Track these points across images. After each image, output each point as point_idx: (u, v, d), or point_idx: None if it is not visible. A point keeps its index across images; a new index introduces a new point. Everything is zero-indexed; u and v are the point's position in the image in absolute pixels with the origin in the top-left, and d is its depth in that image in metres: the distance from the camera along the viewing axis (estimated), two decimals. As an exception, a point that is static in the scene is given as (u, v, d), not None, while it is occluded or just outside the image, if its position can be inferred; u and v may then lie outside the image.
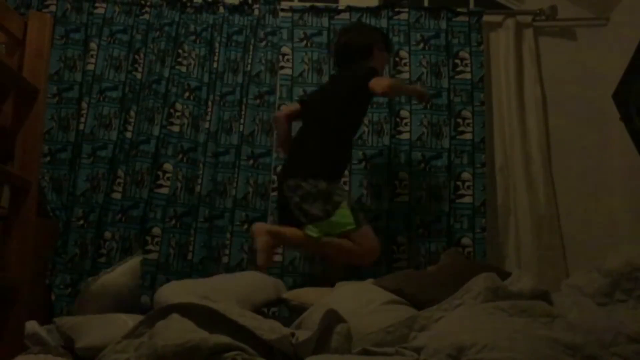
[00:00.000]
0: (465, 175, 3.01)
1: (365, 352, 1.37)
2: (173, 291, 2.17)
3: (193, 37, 3.18)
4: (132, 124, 3.06)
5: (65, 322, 1.89)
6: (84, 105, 3.09)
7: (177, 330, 1.36)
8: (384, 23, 3.18)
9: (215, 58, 3.13)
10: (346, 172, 2.98)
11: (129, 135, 3.05)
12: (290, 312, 2.32)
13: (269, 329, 1.45)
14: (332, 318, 1.47)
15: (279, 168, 3.00)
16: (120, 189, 2.97)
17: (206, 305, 1.50)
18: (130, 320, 1.88)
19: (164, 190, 2.98)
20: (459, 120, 3.07)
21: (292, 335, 1.47)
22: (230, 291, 2.22)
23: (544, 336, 1.12)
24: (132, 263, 2.46)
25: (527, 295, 1.53)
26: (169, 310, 1.48)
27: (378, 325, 1.57)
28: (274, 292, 2.39)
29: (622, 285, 1.54)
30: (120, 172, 2.99)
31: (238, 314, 1.47)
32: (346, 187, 2.96)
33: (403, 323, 1.45)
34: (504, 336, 1.15)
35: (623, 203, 3.02)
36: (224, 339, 1.30)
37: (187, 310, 1.47)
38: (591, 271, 1.72)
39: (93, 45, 3.17)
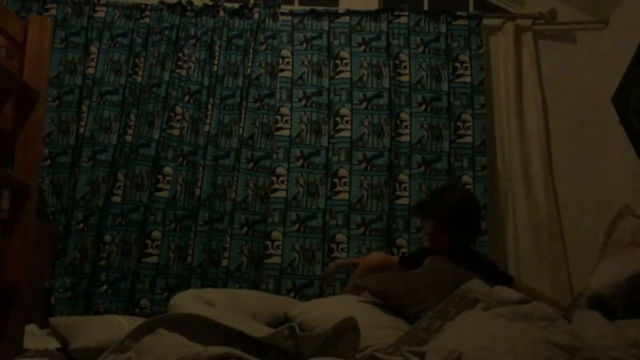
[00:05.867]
0: (466, 178, 3.01)
1: (372, 358, 1.35)
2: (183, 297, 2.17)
3: (193, 41, 3.19)
4: (132, 127, 3.07)
5: (60, 322, 1.85)
6: (84, 108, 3.09)
7: (169, 347, 1.30)
8: (383, 26, 3.19)
9: (216, 61, 3.13)
10: (346, 173, 2.99)
11: (129, 138, 3.05)
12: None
13: (257, 328, 1.43)
14: (350, 325, 1.45)
15: (278, 170, 3.01)
16: (120, 192, 2.97)
17: (191, 314, 1.45)
18: (125, 322, 1.86)
19: (164, 194, 2.99)
20: (459, 124, 3.07)
21: (293, 328, 1.43)
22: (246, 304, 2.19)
23: (543, 339, 1.12)
24: None
25: (516, 302, 1.53)
26: (154, 324, 1.41)
27: (375, 340, 1.57)
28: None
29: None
30: (120, 176, 3.00)
31: (225, 318, 1.45)
32: (346, 188, 2.98)
33: (401, 340, 1.44)
34: (503, 339, 1.15)
35: (623, 206, 3.01)
36: (218, 349, 1.25)
37: (173, 322, 1.41)
38: None
39: (93, 48, 3.17)
